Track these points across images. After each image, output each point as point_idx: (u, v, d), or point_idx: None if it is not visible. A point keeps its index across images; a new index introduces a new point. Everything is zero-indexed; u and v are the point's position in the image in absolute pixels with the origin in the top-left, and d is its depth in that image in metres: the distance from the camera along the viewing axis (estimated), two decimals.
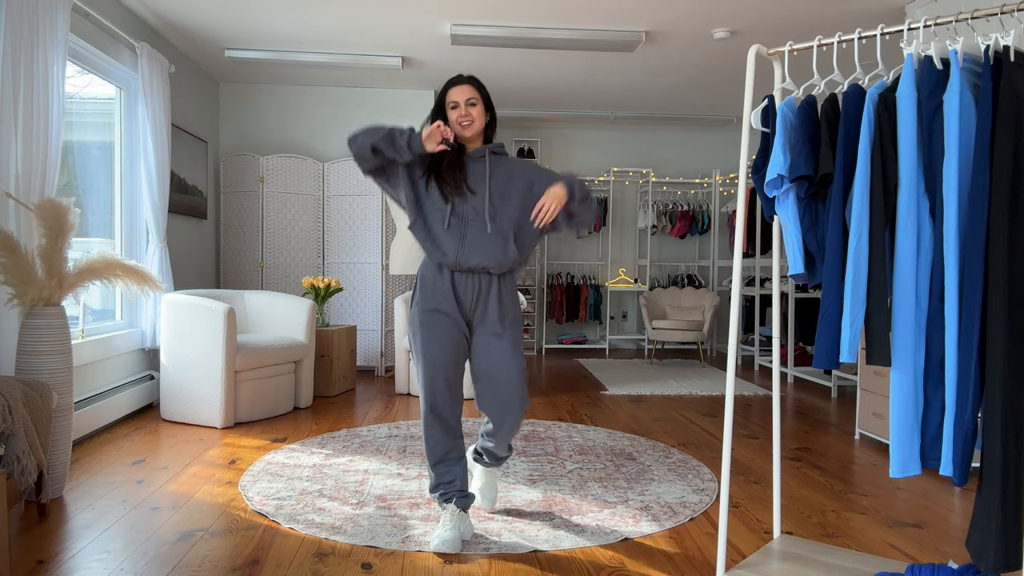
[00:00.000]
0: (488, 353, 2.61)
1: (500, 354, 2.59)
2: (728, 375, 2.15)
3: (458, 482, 2.65)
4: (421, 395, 2.63)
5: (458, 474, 2.66)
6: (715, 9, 4.65)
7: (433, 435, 2.63)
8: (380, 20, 5.00)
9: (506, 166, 2.65)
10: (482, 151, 2.64)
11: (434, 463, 2.67)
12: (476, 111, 2.60)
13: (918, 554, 2.60)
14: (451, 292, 2.58)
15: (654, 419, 4.79)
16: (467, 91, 2.60)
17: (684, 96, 6.98)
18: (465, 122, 2.58)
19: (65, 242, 3.09)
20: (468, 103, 2.59)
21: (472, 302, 2.60)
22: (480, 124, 2.61)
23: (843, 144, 1.96)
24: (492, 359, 2.60)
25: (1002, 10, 1.80)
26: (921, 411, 1.85)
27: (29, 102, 3.31)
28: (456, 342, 2.60)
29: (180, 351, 4.46)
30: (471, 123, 2.59)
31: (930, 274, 1.83)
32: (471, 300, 2.60)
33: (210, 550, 2.55)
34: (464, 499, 2.66)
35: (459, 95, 2.59)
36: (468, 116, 2.58)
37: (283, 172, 6.41)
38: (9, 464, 2.53)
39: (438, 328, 2.59)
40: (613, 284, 8.47)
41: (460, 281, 2.59)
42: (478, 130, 2.62)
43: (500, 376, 2.60)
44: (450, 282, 2.59)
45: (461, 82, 2.61)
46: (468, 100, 2.59)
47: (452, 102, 2.60)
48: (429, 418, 2.62)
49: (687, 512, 2.96)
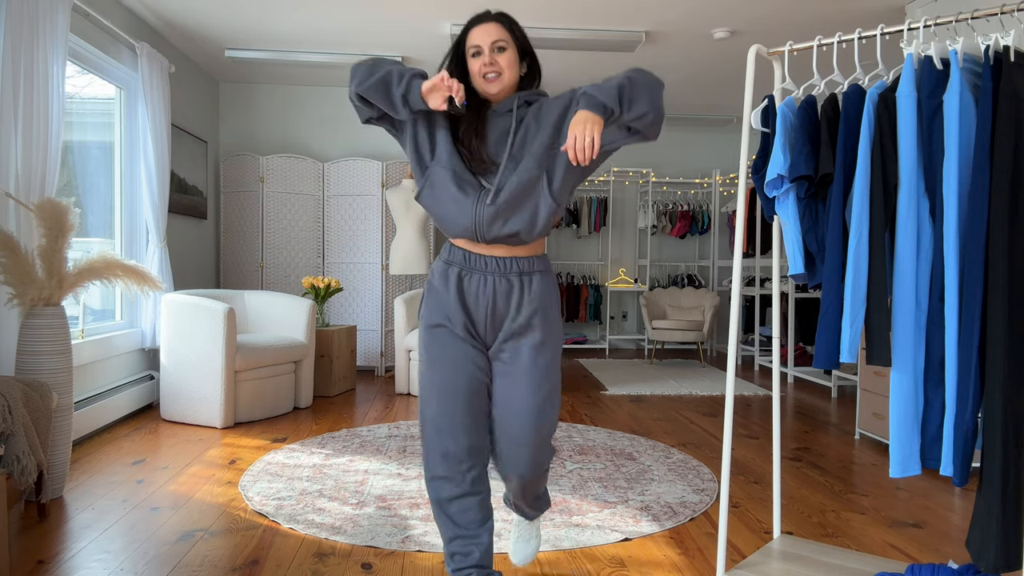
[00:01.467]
0: (504, 376, 1.97)
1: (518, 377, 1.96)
2: (728, 375, 2.15)
3: (476, 554, 1.97)
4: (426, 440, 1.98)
5: (481, 545, 1.98)
6: (715, 9, 4.65)
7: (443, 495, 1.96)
8: (380, 20, 5.00)
9: (540, 113, 1.92)
10: (509, 103, 1.92)
11: (449, 537, 1.99)
12: (506, 59, 1.88)
13: (918, 554, 2.60)
14: (458, 298, 1.95)
15: (654, 419, 4.79)
16: (493, 31, 1.89)
17: (684, 96, 6.98)
18: (491, 74, 1.88)
19: (65, 242, 3.09)
20: (495, 47, 1.88)
21: (487, 310, 1.95)
22: (512, 76, 1.90)
23: (843, 144, 1.96)
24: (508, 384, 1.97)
25: (1002, 10, 1.80)
26: (921, 411, 1.85)
27: (29, 102, 3.31)
28: (470, 366, 1.96)
29: (180, 351, 4.46)
30: (498, 76, 1.88)
31: (930, 274, 1.83)
32: (486, 308, 1.95)
33: (210, 550, 2.55)
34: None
35: (482, 37, 1.88)
36: (494, 66, 1.88)
37: (283, 172, 6.41)
38: (9, 464, 2.53)
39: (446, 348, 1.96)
40: (613, 284, 8.47)
41: (470, 284, 1.94)
42: (507, 84, 1.90)
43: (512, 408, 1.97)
44: (456, 285, 1.95)
45: (486, 19, 1.91)
46: (495, 43, 1.88)
47: (474, 47, 1.90)
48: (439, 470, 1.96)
49: (687, 512, 2.96)
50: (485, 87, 1.90)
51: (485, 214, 1.87)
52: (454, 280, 1.95)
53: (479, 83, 1.91)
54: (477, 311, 1.95)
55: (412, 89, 1.82)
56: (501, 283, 1.93)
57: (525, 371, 1.95)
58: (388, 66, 1.88)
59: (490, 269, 1.94)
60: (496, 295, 1.94)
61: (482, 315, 1.95)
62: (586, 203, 8.39)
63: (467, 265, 1.95)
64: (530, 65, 1.97)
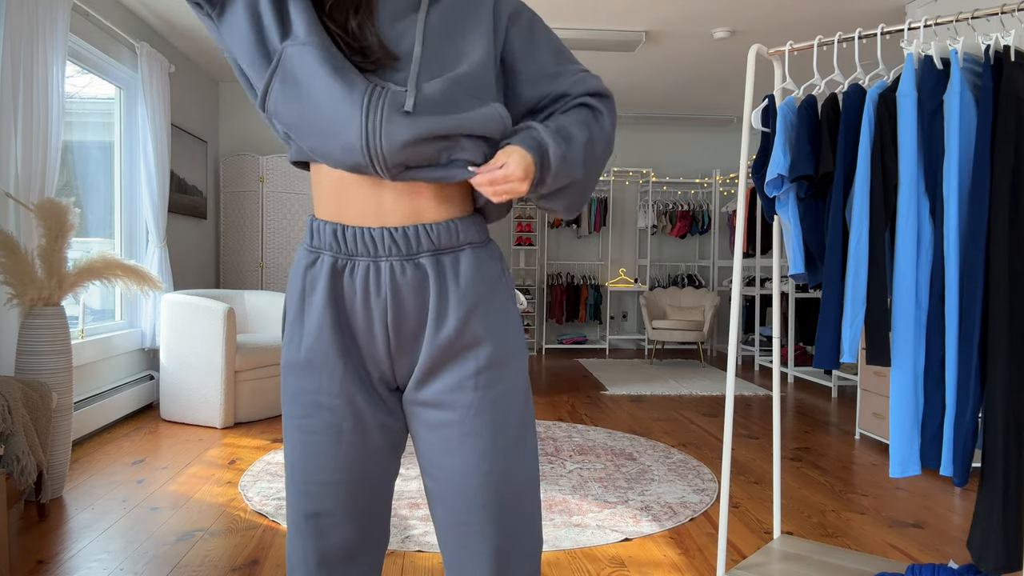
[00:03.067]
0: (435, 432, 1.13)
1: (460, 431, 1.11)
2: (728, 375, 2.15)
3: None
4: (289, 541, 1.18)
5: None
6: (715, 9, 4.65)
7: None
8: None
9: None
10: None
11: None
12: None
13: (918, 554, 2.60)
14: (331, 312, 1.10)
15: (654, 419, 4.79)
16: None
17: (684, 96, 6.98)
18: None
19: (65, 242, 3.09)
20: None
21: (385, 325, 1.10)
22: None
23: (843, 144, 1.96)
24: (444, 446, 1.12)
25: (1002, 10, 1.80)
26: (921, 411, 1.85)
27: (29, 102, 3.31)
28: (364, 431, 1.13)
29: (180, 351, 4.46)
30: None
31: (930, 274, 1.83)
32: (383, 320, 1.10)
33: (210, 550, 2.55)
34: None
35: None
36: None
37: (283, 172, 6.41)
38: (9, 464, 2.53)
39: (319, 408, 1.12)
40: (613, 284, 8.47)
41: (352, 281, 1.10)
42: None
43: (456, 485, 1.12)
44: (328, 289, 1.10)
45: None
46: None
47: None
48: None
49: (687, 512, 2.96)
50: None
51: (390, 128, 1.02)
52: (324, 280, 1.10)
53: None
54: (369, 330, 1.11)
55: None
56: (406, 271, 1.09)
57: (470, 419, 1.10)
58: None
59: (384, 248, 1.09)
60: (399, 294, 1.09)
61: (379, 335, 1.11)
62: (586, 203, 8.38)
63: (342, 249, 1.10)
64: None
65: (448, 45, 1.11)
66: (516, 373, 1.15)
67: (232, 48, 1.11)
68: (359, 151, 1.04)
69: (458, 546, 1.14)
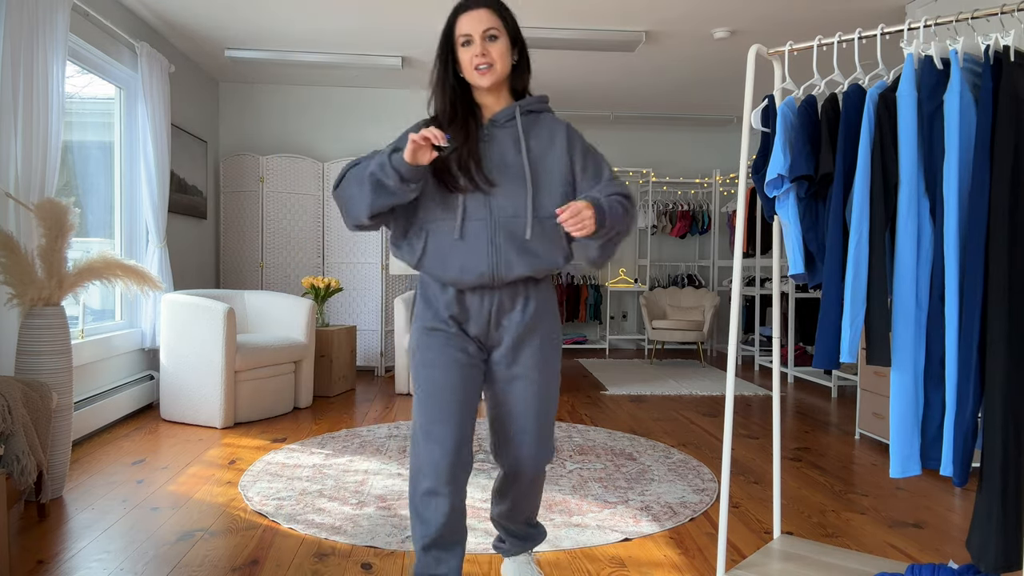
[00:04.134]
0: (507, 381, 1.93)
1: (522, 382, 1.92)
2: (728, 375, 2.15)
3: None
4: (417, 444, 1.87)
5: (454, 567, 1.89)
6: (715, 9, 4.65)
7: (429, 505, 1.83)
8: (380, 20, 5.00)
9: (544, 129, 1.87)
10: (510, 112, 1.85)
11: (425, 544, 1.86)
12: (497, 48, 1.78)
13: (918, 554, 2.60)
14: (455, 305, 1.88)
15: (654, 419, 4.79)
16: (484, 18, 1.78)
17: (684, 96, 6.98)
18: (483, 66, 1.78)
19: (65, 242, 3.09)
20: (486, 36, 1.77)
21: (489, 318, 1.89)
22: (504, 67, 1.80)
23: (843, 144, 1.96)
24: (510, 389, 1.93)
25: (1002, 10, 1.80)
26: (921, 411, 1.85)
27: (29, 102, 3.31)
28: (466, 370, 1.87)
29: (180, 351, 4.46)
30: (490, 67, 1.78)
31: (930, 274, 1.83)
32: (488, 315, 1.88)
33: (210, 550, 2.55)
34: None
35: (472, 25, 1.77)
36: (486, 56, 1.77)
37: (283, 172, 6.41)
38: (9, 464, 2.53)
39: (440, 351, 1.86)
40: (613, 284, 8.47)
41: (472, 294, 1.87)
42: (500, 75, 1.81)
43: (516, 410, 1.93)
44: (454, 295, 1.87)
45: (475, 5, 1.79)
46: (487, 32, 1.77)
47: (464, 36, 1.79)
48: (429, 477, 1.83)
49: (687, 512, 2.96)
50: (477, 80, 1.80)
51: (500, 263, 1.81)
52: (452, 293, 1.88)
53: (471, 77, 1.81)
54: (480, 313, 1.88)
55: (398, 165, 1.70)
56: (507, 291, 1.87)
57: (527, 371, 1.91)
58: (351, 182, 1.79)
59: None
60: (499, 305, 1.88)
61: (483, 323, 1.89)
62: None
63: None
64: (521, 52, 1.86)
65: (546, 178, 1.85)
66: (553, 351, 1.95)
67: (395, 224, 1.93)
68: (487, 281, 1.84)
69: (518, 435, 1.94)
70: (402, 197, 1.75)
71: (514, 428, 1.93)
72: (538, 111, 1.89)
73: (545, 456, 1.97)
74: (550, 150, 1.85)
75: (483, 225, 1.79)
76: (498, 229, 1.80)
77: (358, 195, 1.77)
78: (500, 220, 1.80)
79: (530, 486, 2.04)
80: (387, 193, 1.74)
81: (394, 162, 1.70)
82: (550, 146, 1.85)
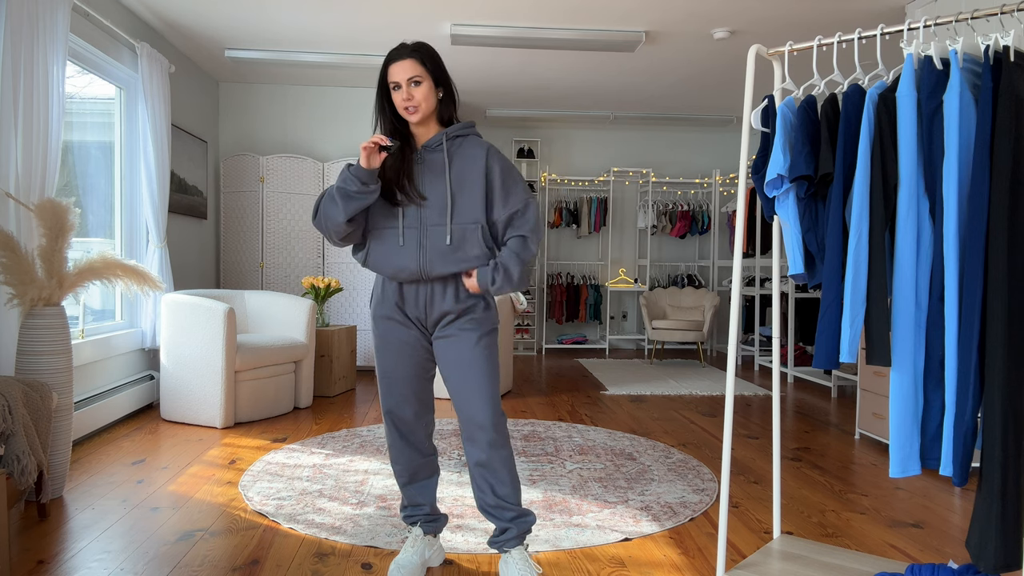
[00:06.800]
0: (446, 352, 2.27)
1: (456, 352, 2.25)
2: (728, 375, 2.15)
3: (427, 506, 2.42)
4: (382, 410, 2.38)
5: (428, 497, 2.42)
6: (715, 9, 4.65)
7: (397, 454, 2.37)
8: (380, 20, 5.00)
9: (468, 151, 2.23)
10: (438, 138, 2.22)
11: (403, 483, 2.41)
12: (421, 91, 2.13)
13: (918, 554, 2.60)
14: (397, 297, 2.26)
15: (654, 419, 4.79)
16: (409, 68, 2.12)
17: (684, 96, 6.98)
18: (410, 107, 2.14)
19: (65, 242, 3.09)
20: (411, 82, 2.13)
21: (424, 305, 2.26)
22: (428, 106, 2.16)
23: (843, 144, 1.96)
24: (450, 359, 2.26)
25: (1002, 10, 1.80)
26: (921, 411, 1.85)
27: (29, 102, 3.32)
28: (413, 349, 2.29)
29: (180, 351, 4.46)
30: (416, 108, 2.14)
31: (930, 274, 1.83)
32: (423, 303, 2.26)
33: (210, 550, 2.55)
34: (431, 523, 2.42)
35: (400, 73, 2.13)
36: (411, 99, 2.13)
37: (283, 172, 6.41)
38: (9, 464, 2.54)
39: (392, 336, 2.28)
40: (613, 284, 8.47)
41: (408, 285, 2.26)
42: (426, 113, 2.17)
43: (454, 381, 2.27)
44: (396, 288, 2.26)
45: (402, 56, 2.14)
46: (411, 79, 2.12)
47: (393, 82, 2.15)
48: (391, 434, 2.36)
49: (687, 512, 2.96)
50: (407, 116, 2.17)
51: (424, 261, 2.20)
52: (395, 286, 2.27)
53: (401, 113, 2.18)
54: (416, 303, 2.25)
55: (357, 172, 2.10)
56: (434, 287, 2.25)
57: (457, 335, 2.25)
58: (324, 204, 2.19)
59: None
60: (430, 295, 2.25)
61: (421, 305, 2.26)
62: (586, 203, 8.39)
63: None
64: (446, 89, 2.22)
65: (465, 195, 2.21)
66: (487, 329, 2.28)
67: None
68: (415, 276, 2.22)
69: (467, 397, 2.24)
70: (366, 198, 2.13)
71: (456, 388, 2.25)
72: (464, 135, 2.25)
73: (490, 416, 2.23)
74: (471, 168, 2.21)
75: (414, 232, 2.19)
76: (425, 235, 2.18)
77: (333, 209, 2.15)
78: (427, 228, 2.18)
79: (490, 451, 2.25)
80: (352, 198, 2.12)
81: (352, 171, 2.11)
82: (472, 165, 2.21)
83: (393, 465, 2.40)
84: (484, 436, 2.24)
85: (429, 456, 2.41)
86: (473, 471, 2.30)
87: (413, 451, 2.36)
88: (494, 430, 2.23)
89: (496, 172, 2.23)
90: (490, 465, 2.26)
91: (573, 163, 8.66)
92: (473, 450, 2.27)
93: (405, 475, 2.39)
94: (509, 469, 2.28)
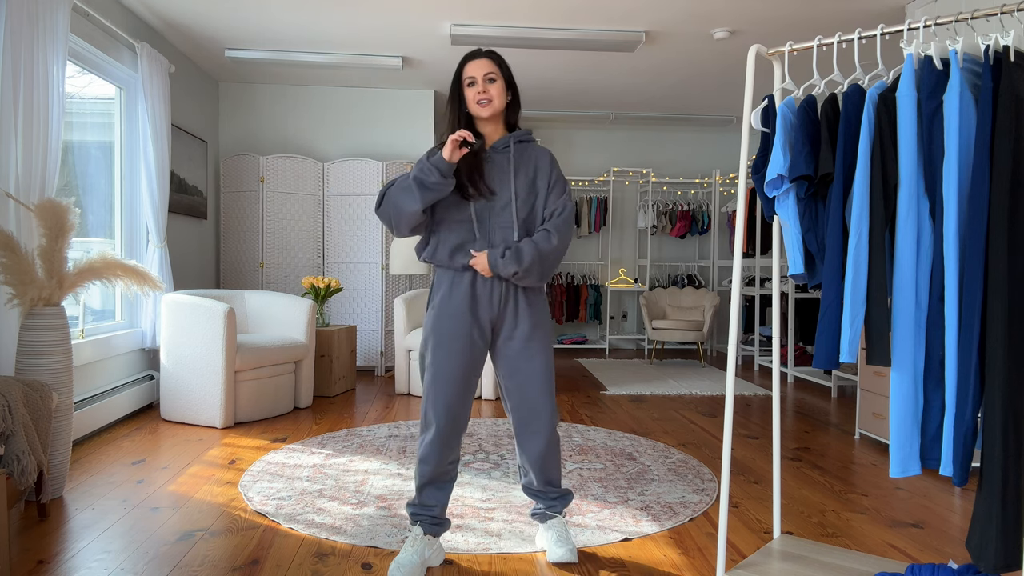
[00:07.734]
0: (511, 358, 2.40)
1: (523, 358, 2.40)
2: (728, 375, 2.15)
3: (438, 508, 2.44)
4: (426, 408, 2.39)
5: (441, 500, 2.44)
6: (715, 9, 4.65)
7: (429, 453, 2.39)
8: (380, 20, 5.00)
9: (531, 155, 2.42)
10: (506, 141, 2.40)
11: (422, 483, 2.42)
12: (495, 88, 2.34)
13: (918, 554, 2.60)
14: (470, 295, 2.36)
15: (654, 419, 4.79)
16: (485, 65, 2.35)
17: (684, 96, 6.98)
18: (483, 100, 2.33)
19: (65, 242, 3.09)
20: (486, 78, 2.34)
21: (498, 307, 2.37)
22: (500, 103, 2.36)
23: (843, 144, 1.96)
24: (515, 364, 2.40)
25: (1002, 10, 1.80)
26: (921, 411, 1.85)
27: (29, 102, 3.31)
28: (472, 353, 2.37)
29: (180, 351, 4.46)
30: (489, 102, 2.33)
31: (930, 274, 1.83)
32: (497, 305, 2.37)
33: (210, 550, 2.55)
34: (435, 526, 2.43)
35: (476, 69, 2.34)
36: (486, 93, 2.33)
37: (283, 172, 6.41)
38: (9, 464, 2.54)
39: (457, 332, 2.35)
40: (613, 284, 8.47)
41: (482, 284, 2.36)
42: (497, 109, 2.36)
43: (521, 382, 2.41)
44: (470, 284, 2.36)
45: (479, 56, 2.37)
46: (487, 75, 2.34)
47: (469, 78, 2.35)
48: (430, 432, 2.38)
49: (687, 512, 2.96)
50: (479, 112, 2.34)
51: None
52: (467, 278, 2.37)
53: (474, 109, 2.35)
54: (490, 303, 2.36)
55: (438, 163, 2.23)
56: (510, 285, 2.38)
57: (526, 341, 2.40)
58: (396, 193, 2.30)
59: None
60: (506, 292, 2.37)
61: (494, 307, 2.37)
62: (586, 203, 8.39)
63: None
64: (514, 94, 2.43)
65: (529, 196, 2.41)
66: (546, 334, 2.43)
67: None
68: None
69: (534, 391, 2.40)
70: (442, 190, 2.26)
71: (520, 382, 2.39)
72: (527, 141, 2.44)
73: (552, 406, 2.43)
74: (533, 171, 2.40)
75: (483, 227, 2.34)
76: (494, 232, 2.34)
77: (407, 198, 2.27)
78: (496, 224, 2.34)
79: (551, 438, 2.45)
80: (430, 188, 2.24)
81: (433, 162, 2.24)
82: (534, 168, 2.41)
83: (420, 464, 2.40)
84: (548, 427, 2.43)
85: (456, 460, 2.46)
86: (533, 462, 2.48)
87: (447, 451, 2.39)
88: (555, 417, 2.47)
89: (555, 179, 2.42)
90: (550, 452, 2.47)
91: (573, 163, 8.66)
92: (536, 441, 2.44)
93: (429, 475, 2.40)
94: (558, 455, 2.54)
